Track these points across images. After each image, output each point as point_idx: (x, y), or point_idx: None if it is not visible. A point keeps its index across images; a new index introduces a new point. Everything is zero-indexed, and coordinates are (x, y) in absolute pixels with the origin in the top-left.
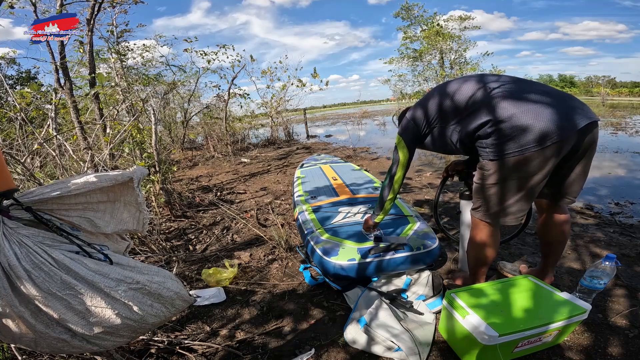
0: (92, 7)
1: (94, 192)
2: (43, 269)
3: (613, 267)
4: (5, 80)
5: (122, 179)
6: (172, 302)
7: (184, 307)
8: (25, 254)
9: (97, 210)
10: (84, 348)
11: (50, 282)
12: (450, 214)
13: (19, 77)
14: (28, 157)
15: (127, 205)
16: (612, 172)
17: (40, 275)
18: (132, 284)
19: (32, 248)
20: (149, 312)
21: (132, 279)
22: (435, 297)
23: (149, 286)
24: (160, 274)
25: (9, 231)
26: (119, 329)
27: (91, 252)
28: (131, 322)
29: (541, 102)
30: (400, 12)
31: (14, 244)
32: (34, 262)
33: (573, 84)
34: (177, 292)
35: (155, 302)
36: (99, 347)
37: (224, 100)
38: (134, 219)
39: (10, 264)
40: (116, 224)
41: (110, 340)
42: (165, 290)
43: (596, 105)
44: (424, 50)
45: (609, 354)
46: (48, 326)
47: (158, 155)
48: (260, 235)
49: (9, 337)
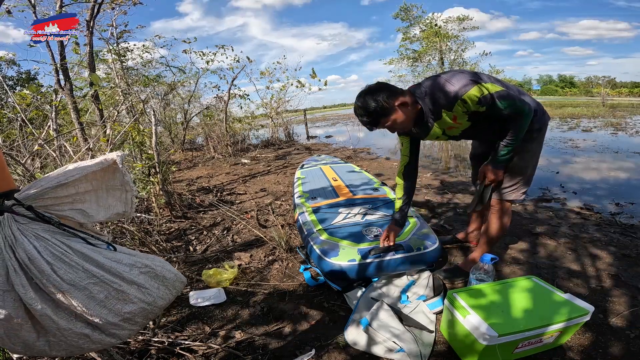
0: (91, 8)
1: (80, 180)
2: (64, 260)
3: (491, 265)
4: (5, 81)
5: (106, 162)
6: (173, 284)
7: (182, 289)
8: (45, 247)
9: (84, 200)
10: (103, 342)
11: (72, 273)
12: (448, 215)
13: (19, 78)
14: (28, 158)
15: (111, 191)
16: (612, 172)
17: (62, 266)
18: (142, 268)
19: (51, 240)
20: (158, 295)
21: (141, 263)
22: (436, 298)
23: (155, 269)
24: (157, 259)
25: (23, 227)
26: (135, 314)
27: (96, 243)
28: (145, 305)
29: None
30: (399, 13)
31: (32, 238)
32: (54, 254)
33: (573, 84)
34: (176, 274)
35: (161, 284)
36: (116, 339)
37: (224, 101)
38: (120, 201)
39: (32, 257)
40: (106, 211)
41: (127, 329)
42: (168, 272)
43: (596, 106)
44: (423, 51)
45: (610, 355)
46: (69, 321)
47: (158, 156)
48: (260, 236)
49: (20, 344)
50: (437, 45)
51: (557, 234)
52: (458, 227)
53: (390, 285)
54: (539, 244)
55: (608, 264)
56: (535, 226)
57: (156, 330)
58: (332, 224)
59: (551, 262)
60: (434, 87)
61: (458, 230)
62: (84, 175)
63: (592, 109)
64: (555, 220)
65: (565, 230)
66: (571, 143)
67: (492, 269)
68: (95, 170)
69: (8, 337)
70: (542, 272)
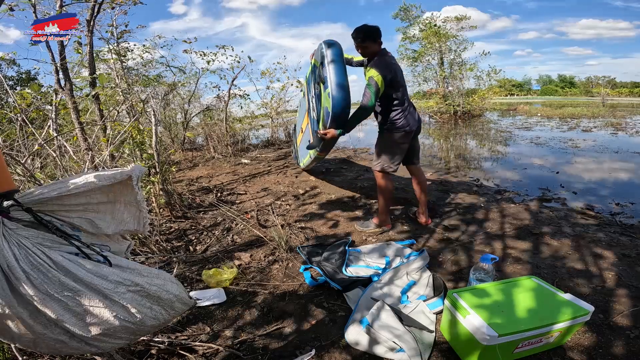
0: (91, 8)
1: (94, 192)
2: (41, 271)
3: (491, 265)
4: (5, 81)
5: (120, 177)
6: (171, 304)
7: (183, 310)
8: (24, 255)
9: (97, 211)
10: (82, 349)
11: (49, 284)
12: (451, 215)
13: (19, 77)
14: (28, 158)
15: (128, 206)
16: (612, 172)
17: (39, 276)
18: (130, 286)
19: (31, 249)
20: (148, 315)
21: (131, 281)
22: (436, 298)
23: (148, 289)
24: (161, 277)
25: (8, 232)
26: (117, 331)
27: (90, 254)
28: (130, 324)
29: None
30: (399, 13)
31: (13, 245)
32: (33, 264)
33: (573, 84)
34: (176, 295)
35: (154, 304)
36: (97, 349)
37: (224, 101)
38: (134, 219)
39: (9, 264)
40: (117, 225)
41: (108, 342)
42: (165, 293)
43: (596, 106)
44: (422, 51)
45: (610, 355)
46: (46, 327)
47: (158, 156)
48: (260, 236)
49: (9, 337)
50: (436, 45)
51: (557, 234)
52: (459, 226)
53: (391, 285)
54: (539, 243)
55: (608, 264)
56: (535, 226)
57: (157, 331)
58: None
59: (551, 262)
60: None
61: (457, 230)
62: (94, 188)
63: (592, 109)
64: (556, 220)
65: (566, 230)
66: (571, 143)
67: (492, 268)
68: (109, 184)
69: None
70: (542, 272)
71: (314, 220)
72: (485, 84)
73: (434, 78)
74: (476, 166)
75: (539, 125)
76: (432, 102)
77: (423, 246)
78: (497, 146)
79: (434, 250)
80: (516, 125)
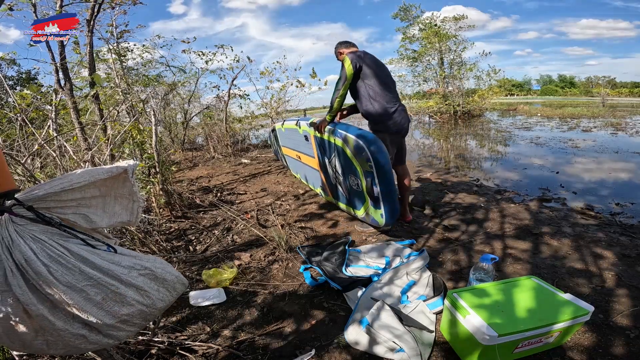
0: (91, 7)
1: (88, 186)
2: (61, 262)
3: (491, 265)
4: (5, 81)
5: (116, 171)
6: (174, 286)
7: (183, 291)
8: (41, 249)
9: (89, 205)
10: (101, 342)
11: (69, 275)
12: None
13: (19, 77)
14: (28, 158)
15: (118, 199)
16: (612, 172)
17: (59, 268)
18: (141, 270)
19: (48, 242)
20: (157, 297)
21: (140, 265)
22: (436, 298)
23: (155, 271)
24: (158, 261)
25: (20, 228)
26: (133, 316)
27: (95, 244)
28: (144, 307)
29: None
30: (399, 13)
31: (29, 239)
32: (51, 256)
33: (573, 84)
34: (177, 276)
35: (161, 286)
36: (114, 340)
37: (224, 101)
38: (126, 210)
39: (28, 259)
40: (110, 218)
41: (125, 330)
42: (168, 275)
43: (596, 106)
44: (422, 51)
45: (610, 355)
46: (66, 322)
47: (158, 156)
48: (260, 236)
49: (19, 342)
50: (436, 45)
51: (557, 234)
52: (459, 226)
53: (391, 285)
54: (539, 243)
55: (608, 264)
56: (535, 226)
57: (156, 331)
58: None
59: (551, 262)
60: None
61: (457, 230)
62: (92, 181)
63: (592, 109)
64: (556, 220)
65: (566, 230)
66: (571, 143)
67: (491, 268)
68: (104, 178)
69: (7, 335)
70: (542, 272)
71: (314, 220)
72: (485, 83)
73: (434, 78)
74: (476, 166)
75: (538, 125)
76: (432, 102)
77: (423, 246)
78: (497, 146)
79: (434, 250)
80: (516, 125)
